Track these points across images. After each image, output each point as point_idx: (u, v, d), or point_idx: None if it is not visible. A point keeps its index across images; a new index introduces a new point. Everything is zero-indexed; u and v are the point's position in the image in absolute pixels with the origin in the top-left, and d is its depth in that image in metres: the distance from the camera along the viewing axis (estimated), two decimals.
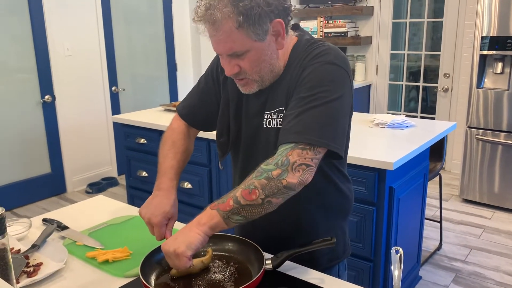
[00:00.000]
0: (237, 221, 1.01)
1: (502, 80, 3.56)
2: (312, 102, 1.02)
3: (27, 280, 1.09)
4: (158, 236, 1.15)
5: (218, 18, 0.99)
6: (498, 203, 3.66)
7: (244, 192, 0.99)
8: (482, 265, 2.82)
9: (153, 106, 4.49)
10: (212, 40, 1.06)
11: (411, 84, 4.89)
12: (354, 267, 2.15)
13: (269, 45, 1.07)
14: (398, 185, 2.09)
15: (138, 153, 3.01)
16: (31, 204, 3.97)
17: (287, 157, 1.00)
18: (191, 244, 0.99)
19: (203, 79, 1.33)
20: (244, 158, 1.25)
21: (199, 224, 1.01)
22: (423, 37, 4.63)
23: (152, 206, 1.17)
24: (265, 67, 1.09)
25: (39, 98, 3.94)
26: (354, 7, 4.73)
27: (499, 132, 3.56)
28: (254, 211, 1.00)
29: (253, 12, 0.99)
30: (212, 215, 1.01)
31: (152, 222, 1.14)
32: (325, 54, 1.07)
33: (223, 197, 1.03)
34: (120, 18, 4.52)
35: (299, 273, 1.13)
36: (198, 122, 1.34)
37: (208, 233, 1.01)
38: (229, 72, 1.10)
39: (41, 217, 1.49)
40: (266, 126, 1.16)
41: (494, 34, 3.47)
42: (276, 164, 1.00)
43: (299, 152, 1.00)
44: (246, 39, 1.02)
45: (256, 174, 1.01)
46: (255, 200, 0.99)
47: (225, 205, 1.00)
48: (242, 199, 0.99)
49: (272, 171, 0.99)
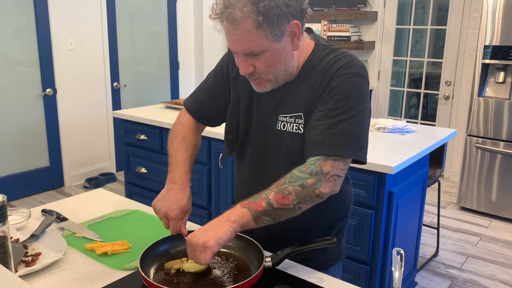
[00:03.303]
0: (266, 221, 1.03)
1: (503, 89, 3.57)
2: (342, 114, 1.05)
3: (25, 269, 1.09)
4: (174, 230, 1.14)
5: (238, 17, 0.99)
6: (495, 212, 3.66)
7: (277, 195, 1.02)
8: (478, 273, 2.83)
9: (154, 103, 4.48)
10: (229, 39, 1.06)
11: (412, 90, 4.90)
12: (350, 270, 2.15)
13: (285, 46, 1.07)
14: (397, 190, 2.09)
15: (138, 149, 3.00)
16: (28, 197, 3.96)
17: (321, 167, 1.03)
18: (220, 239, 1.00)
19: (212, 75, 1.33)
20: (252, 156, 1.25)
21: (229, 221, 1.02)
22: (425, 44, 4.64)
23: (169, 200, 1.15)
24: (280, 67, 1.09)
25: (40, 91, 3.94)
26: (358, 12, 4.75)
27: (499, 141, 3.57)
28: (284, 214, 1.04)
29: (273, 12, 1.00)
30: (243, 213, 1.02)
31: (169, 215, 1.12)
32: (351, 65, 1.09)
33: (254, 196, 1.05)
34: (124, 15, 4.52)
35: (298, 271, 1.13)
36: (205, 117, 1.34)
37: (237, 230, 1.03)
38: (243, 71, 1.10)
39: (41, 208, 1.48)
40: (280, 128, 1.17)
41: (497, 43, 3.48)
42: (311, 173, 1.03)
43: (332, 163, 1.04)
44: (264, 39, 1.03)
45: (290, 180, 1.04)
46: (288, 205, 1.02)
47: (257, 206, 1.02)
48: (275, 202, 1.02)
49: (307, 179, 1.03)
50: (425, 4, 4.67)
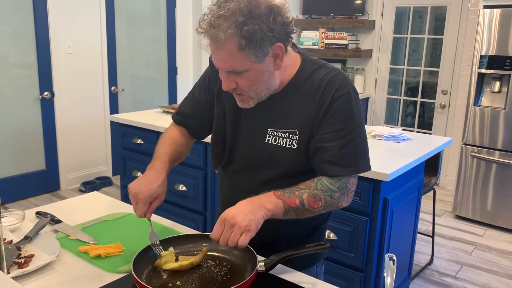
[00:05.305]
0: (291, 216, 1.11)
1: (499, 99, 3.60)
2: (350, 134, 1.13)
3: (18, 271, 1.08)
4: (140, 213, 1.17)
5: (221, 38, 1.01)
6: (490, 221, 3.67)
7: (310, 199, 1.11)
8: (472, 282, 2.83)
9: (151, 107, 4.48)
10: (213, 56, 1.09)
11: (409, 99, 4.92)
12: (345, 277, 2.15)
13: (268, 66, 1.09)
14: (392, 197, 2.09)
15: (134, 153, 3.00)
16: (23, 200, 3.94)
17: (346, 184, 1.15)
18: (258, 224, 1.05)
19: (197, 88, 1.35)
20: (240, 167, 1.27)
21: (265, 208, 1.06)
22: (422, 53, 4.67)
23: (141, 183, 1.19)
24: (262, 86, 1.12)
25: (38, 94, 3.94)
26: (356, 20, 4.78)
27: (494, 150, 3.59)
28: (307, 215, 1.13)
29: (256, 36, 1.01)
30: (277, 204, 1.08)
31: (138, 197, 1.16)
32: (346, 85, 1.14)
33: (287, 190, 1.11)
34: (123, 20, 4.53)
35: (291, 276, 1.13)
36: (191, 130, 1.38)
37: (268, 217, 1.07)
38: (226, 87, 1.12)
39: (35, 210, 1.48)
40: (271, 142, 1.18)
41: (493, 53, 3.51)
42: (339, 187, 1.14)
43: (353, 180, 1.17)
44: (246, 60, 1.05)
45: (321, 188, 1.12)
46: (315, 209, 1.12)
47: (291, 201, 1.09)
48: (307, 203, 1.10)
49: (335, 192, 1.13)
50: (422, 13, 4.71)
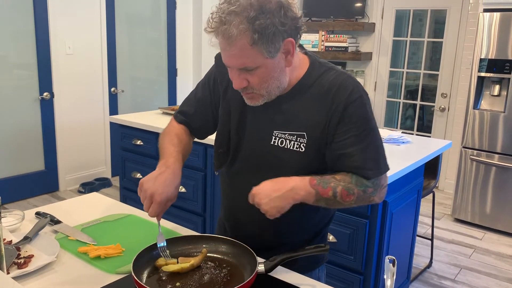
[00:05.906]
0: (321, 205, 1.14)
1: (498, 102, 3.60)
2: (368, 136, 1.14)
3: (17, 271, 1.08)
4: (153, 214, 1.12)
5: (234, 34, 1.00)
6: (489, 224, 3.67)
7: (344, 192, 1.11)
8: (471, 285, 2.82)
9: (151, 109, 4.49)
10: (224, 54, 1.07)
11: (408, 102, 4.93)
12: (344, 280, 2.15)
13: (279, 62, 1.08)
14: (392, 200, 2.09)
15: (134, 154, 3.00)
16: (22, 201, 3.93)
17: (379, 180, 1.16)
18: (281, 212, 1.09)
19: (200, 88, 1.33)
20: (243, 168, 1.24)
21: (297, 195, 1.09)
22: (422, 56, 4.68)
23: (158, 182, 1.12)
24: (273, 83, 1.10)
25: (37, 94, 3.94)
26: (356, 23, 4.79)
27: (494, 153, 3.59)
28: (337, 207, 1.17)
29: (268, 30, 1.01)
30: (310, 192, 1.10)
31: (155, 199, 1.10)
32: (357, 89, 1.14)
33: (323, 179, 1.12)
34: (124, 21, 4.54)
35: (291, 278, 1.13)
36: (193, 130, 1.35)
37: (296, 203, 1.10)
38: (237, 85, 1.11)
39: (34, 211, 1.48)
40: (277, 144, 1.17)
41: (493, 56, 3.51)
42: (372, 183, 1.14)
43: (384, 176, 1.18)
44: (258, 55, 1.04)
45: (356, 183, 1.13)
46: (346, 202, 1.13)
47: (324, 191, 1.10)
48: (339, 196, 1.11)
49: (369, 188, 1.14)
50: (422, 16, 4.72)
